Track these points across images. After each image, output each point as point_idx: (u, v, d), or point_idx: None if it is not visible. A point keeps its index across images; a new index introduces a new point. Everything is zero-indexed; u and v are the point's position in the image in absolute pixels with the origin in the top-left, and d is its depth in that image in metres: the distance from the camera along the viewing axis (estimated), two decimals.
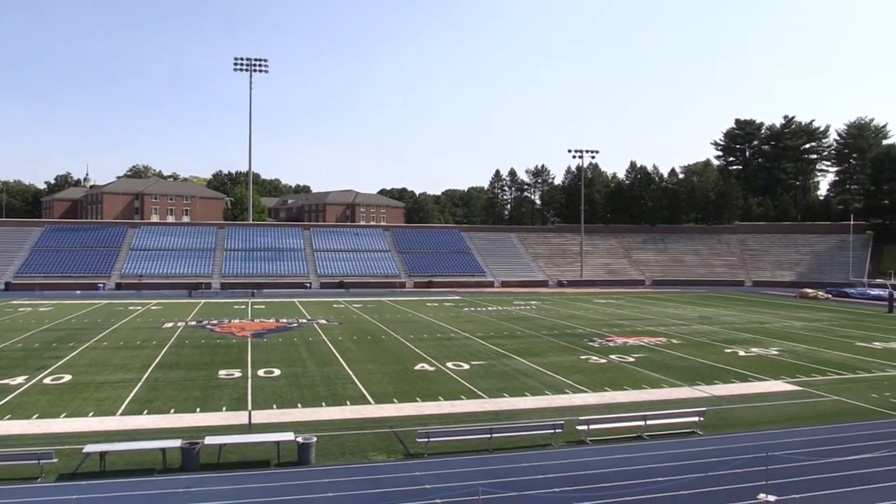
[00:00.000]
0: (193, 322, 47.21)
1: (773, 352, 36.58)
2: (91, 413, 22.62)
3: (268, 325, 45.63)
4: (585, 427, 20.17)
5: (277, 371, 29.82)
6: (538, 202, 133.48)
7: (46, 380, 27.64)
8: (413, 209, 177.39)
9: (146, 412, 22.84)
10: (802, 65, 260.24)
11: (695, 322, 50.08)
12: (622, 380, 28.87)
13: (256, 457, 18.26)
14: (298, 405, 24.04)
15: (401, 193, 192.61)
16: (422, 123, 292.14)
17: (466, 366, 31.59)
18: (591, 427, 20.24)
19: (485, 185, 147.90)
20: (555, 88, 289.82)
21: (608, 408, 23.84)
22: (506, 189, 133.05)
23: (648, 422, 20.78)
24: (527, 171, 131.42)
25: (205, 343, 37.85)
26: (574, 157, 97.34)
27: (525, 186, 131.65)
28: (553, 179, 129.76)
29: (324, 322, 47.92)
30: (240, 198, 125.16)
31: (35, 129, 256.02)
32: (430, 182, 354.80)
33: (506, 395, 25.76)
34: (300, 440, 18.06)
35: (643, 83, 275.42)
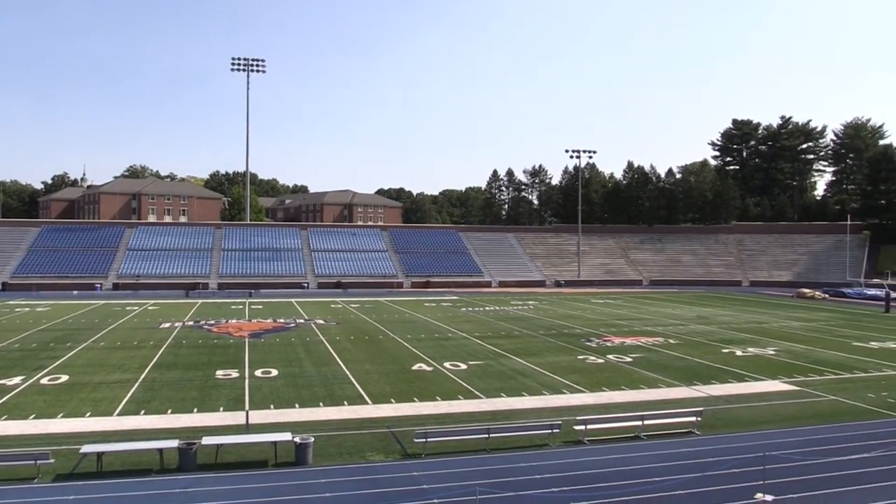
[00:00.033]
0: (191, 322, 47.16)
1: (771, 352, 36.64)
2: (88, 413, 22.59)
3: (265, 326, 45.60)
4: (583, 427, 20.19)
5: (275, 371, 29.80)
6: (536, 202, 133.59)
7: (43, 380, 27.60)
8: (410, 209, 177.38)
9: (143, 412, 22.82)
10: (800, 65, 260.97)
11: (692, 322, 50.14)
12: (619, 380, 28.89)
13: (254, 457, 18.25)
14: (296, 405, 24.03)
15: (398, 193, 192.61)
16: (419, 123, 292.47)
17: (464, 366, 31.59)
18: (589, 427, 20.26)
19: (482, 185, 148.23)
20: (552, 89, 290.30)
21: (605, 408, 23.86)
22: (503, 189, 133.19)
23: (646, 422, 20.80)
24: (524, 172, 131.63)
25: (202, 343, 37.81)
26: (571, 158, 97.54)
27: (522, 186, 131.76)
28: (550, 179, 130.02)
29: (321, 322, 47.90)
30: (237, 198, 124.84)
31: (32, 129, 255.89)
32: (428, 182, 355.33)
33: (503, 395, 25.78)
34: (297, 440, 18.06)
35: (640, 83, 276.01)
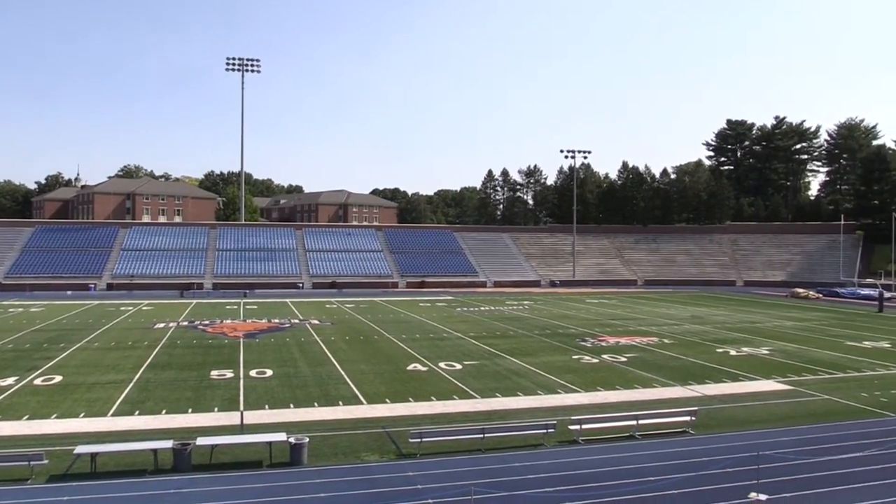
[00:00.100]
0: (185, 322, 47.05)
1: (764, 351, 36.76)
2: (82, 414, 22.53)
3: (260, 326, 45.53)
4: (577, 427, 20.22)
5: (269, 371, 29.76)
6: (530, 202, 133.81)
7: (37, 381, 27.50)
8: (405, 209, 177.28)
9: (138, 413, 22.76)
10: (794, 66, 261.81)
11: (686, 322, 50.26)
12: (614, 379, 28.95)
13: (248, 457, 18.23)
14: (291, 405, 24.00)
15: (393, 193, 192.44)
16: (415, 123, 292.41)
17: (459, 366, 31.60)
18: (584, 427, 20.29)
19: (477, 186, 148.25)
20: (547, 89, 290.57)
21: (600, 407, 23.90)
22: (498, 189, 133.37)
23: (640, 421, 20.85)
24: (519, 172, 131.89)
25: (197, 343, 37.73)
26: (566, 158, 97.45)
27: (517, 186, 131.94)
28: (545, 180, 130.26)
29: (316, 322, 47.85)
30: (232, 198, 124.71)
31: (26, 129, 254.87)
32: (423, 182, 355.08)
33: (498, 395, 25.80)
34: (292, 440, 18.04)
35: (635, 84, 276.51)
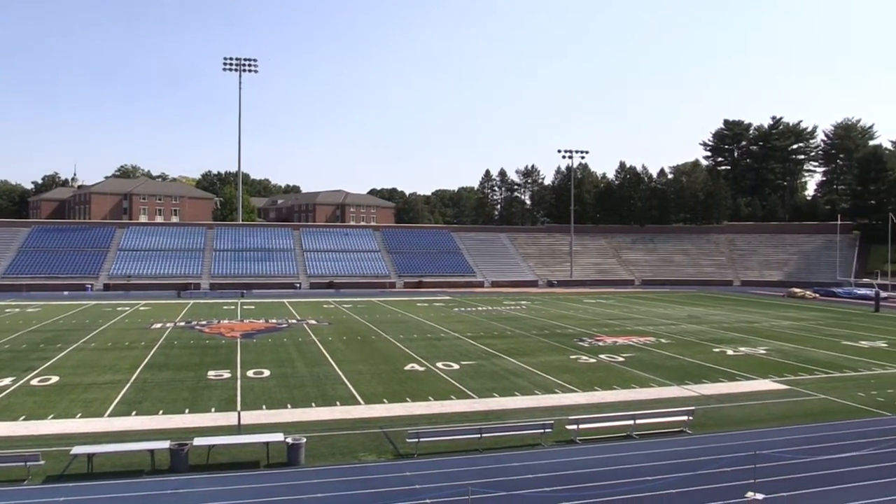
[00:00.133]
0: (182, 323, 46.99)
1: (761, 351, 36.81)
2: (79, 414, 22.48)
3: (257, 326, 45.49)
4: (575, 426, 20.23)
5: (267, 372, 29.73)
6: (528, 202, 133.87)
7: (34, 381, 27.45)
8: (403, 209, 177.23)
9: (134, 413, 22.72)
10: (792, 66, 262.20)
11: (683, 321, 50.31)
12: (611, 379, 28.97)
13: (246, 458, 18.21)
14: (288, 406, 23.98)
15: (391, 193, 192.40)
16: (412, 124, 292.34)
17: (456, 366, 31.60)
18: (581, 426, 20.30)
19: (475, 186, 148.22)
20: (545, 89, 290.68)
21: (597, 407, 23.92)
22: (496, 189, 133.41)
23: (637, 421, 20.87)
24: (517, 172, 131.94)
25: (194, 344, 37.69)
26: (564, 158, 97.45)
27: (515, 186, 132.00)
28: (543, 179, 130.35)
29: (313, 322, 47.82)
30: (229, 198, 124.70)
31: (22, 129, 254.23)
32: (421, 182, 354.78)
33: (496, 395, 25.80)
34: (290, 441, 18.03)
35: (632, 84, 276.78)
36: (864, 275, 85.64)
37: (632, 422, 20.83)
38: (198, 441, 18.31)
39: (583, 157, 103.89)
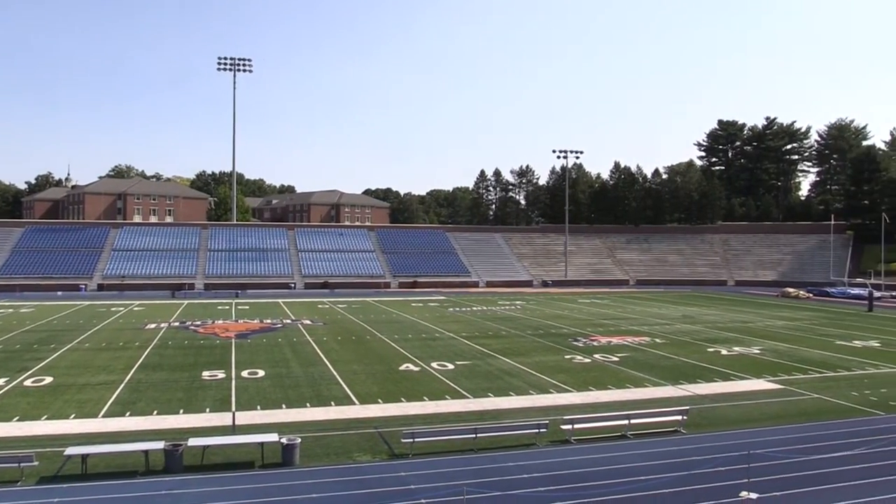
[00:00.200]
0: (177, 323, 46.89)
1: (756, 351, 36.93)
2: (73, 415, 22.41)
3: (252, 326, 45.41)
4: (570, 426, 20.26)
5: (261, 372, 29.69)
6: (523, 202, 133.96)
7: (27, 382, 27.35)
8: (398, 209, 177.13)
9: (129, 414, 22.66)
10: (785, 67, 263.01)
11: (678, 321, 50.43)
12: (606, 379, 29.02)
13: (240, 458, 18.19)
14: (283, 406, 23.96)
15: (385, 193, 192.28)
16: (407, 124, 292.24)
17: (451, 366, 31.61)
18: (576, 426, 20.33)
19: (470, 186, 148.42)
20: (539, 90, 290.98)
21: (592, 407, 23.96)
22: (490, 189, 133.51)
23: (632, 421, 20.91)
24: (511, 172, 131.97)
25: (188, 344, 37.61)
26: (559, 158, 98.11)
27: (510, 187, 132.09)
28: (538, 180, 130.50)
29: (308, 322, 47.77)
30: (223, 198, 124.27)
31: (16, 129, 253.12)
32: (415, 182, 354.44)
33: (490, 395, 25.82)
34: (284, 441, 18.01)
35: (627, 85, 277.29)
36: (858, 275, 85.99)
37: (626, 422, 20.87)
38: (192, 441, 18.27)
39: (577, 158, 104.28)
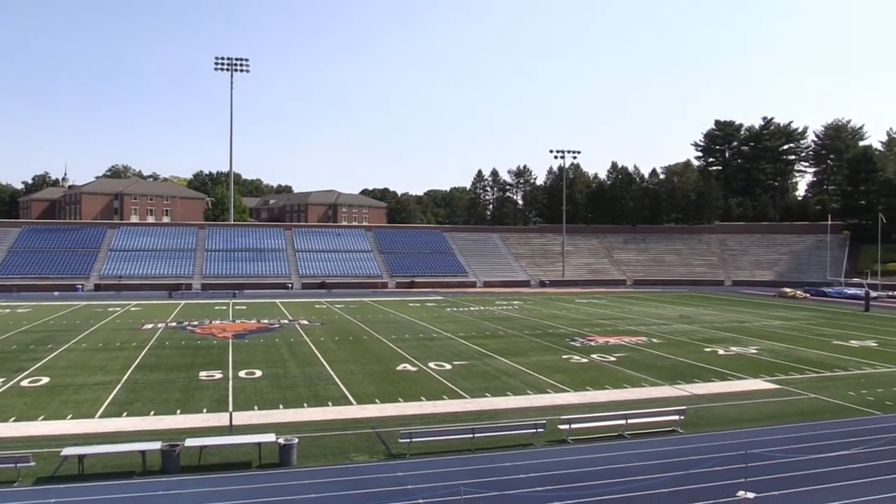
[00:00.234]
0: (174, 323, 46.82)
1: (753, 350, 36.98)
2: (69, 416, 22.36)
3: (249, 326, 45.36)
4: (567, 426, 20.27)
5: (259, 372, 29.66)
6: (520, 202, 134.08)
7: (24, 382, 27.29)
8: (395, 209, 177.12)
9: (126, 414, 22.62)
10: (782, 67, 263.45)
11: (675, 321, 50.48)
12: (603, 379, 29.04)
13: (238, 458, 18.16)
14: (280, 406, 23.93)
15: (383, 193, 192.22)
16: (405, 124, 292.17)
17: (448, 366, 31.61)
18: (573, 426, 20.34)
19: (467, 186, 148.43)
20: (537, 90, 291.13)
21: (590, 407, 23.98)
22: (488, 189, 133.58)
23: (629, 421, 20.93)
24: (509, 172, 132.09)
25: (185, 344, 37.56)
26: (556, 158, 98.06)
27: (507, 187, 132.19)
28: (535, 180, 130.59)
29: (305, 323, 47.74)
30: (221, 198, 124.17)
31: (12, 129, 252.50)
32: (412, 182, 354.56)
33: (488, 395, 25.83)
34: (282, 441, 18.00)
35: (625, 85, 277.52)
36: (855, 274, 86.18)
37: (623, 421, 20.89)
38: (189, 442, 18.25)
39: (575, 158, 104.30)
